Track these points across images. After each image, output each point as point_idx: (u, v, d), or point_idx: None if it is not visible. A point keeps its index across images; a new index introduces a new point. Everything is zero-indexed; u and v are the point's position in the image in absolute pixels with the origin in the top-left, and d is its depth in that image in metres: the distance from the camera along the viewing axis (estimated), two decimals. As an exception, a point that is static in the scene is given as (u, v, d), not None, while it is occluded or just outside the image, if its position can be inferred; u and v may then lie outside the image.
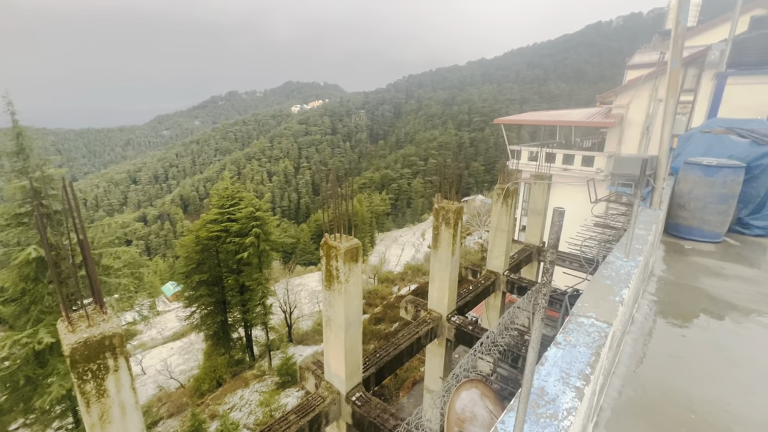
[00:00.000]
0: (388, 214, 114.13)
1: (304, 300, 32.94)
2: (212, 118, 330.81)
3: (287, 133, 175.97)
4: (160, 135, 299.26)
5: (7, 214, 10.45)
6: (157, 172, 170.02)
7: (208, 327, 23.34)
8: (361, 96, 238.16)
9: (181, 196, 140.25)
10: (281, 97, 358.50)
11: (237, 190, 23.93)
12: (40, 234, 2.34)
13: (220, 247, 22.31)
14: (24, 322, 10.26)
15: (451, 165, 7.27)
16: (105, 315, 2.53)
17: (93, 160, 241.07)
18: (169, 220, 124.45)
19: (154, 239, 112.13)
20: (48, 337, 9.34)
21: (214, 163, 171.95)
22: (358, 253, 4.43)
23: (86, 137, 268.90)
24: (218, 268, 22.86)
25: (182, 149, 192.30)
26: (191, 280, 22.41)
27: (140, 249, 18.59)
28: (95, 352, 2.39)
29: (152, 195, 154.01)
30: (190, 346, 30.75)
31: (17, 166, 10.38)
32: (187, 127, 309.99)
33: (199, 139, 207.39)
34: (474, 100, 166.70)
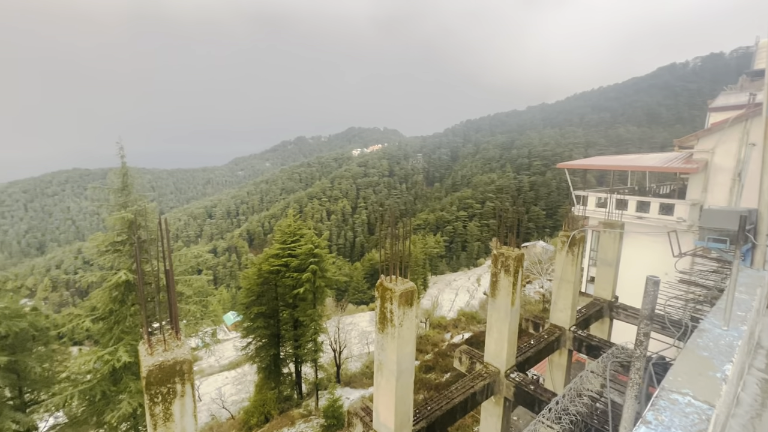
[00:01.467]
0: (442, 256, 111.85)
1: (354, 340, 32.58)
2: (281, 160, 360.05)
3: (347, 174, 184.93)
4: (235, 175, 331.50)
5: (107, 241, 12.02)
6: (229, 208, 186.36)
7: (262, 359, 23.85)
8: (419, 140, 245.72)
9: (248, 230, 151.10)
10: (343, 141, 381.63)
11: (298, 227, 25.21)
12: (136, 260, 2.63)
13: (279, 280, 23.27)
14: (107, 339, 11.37)
15: (509, 209, 7.05)
16: (179, 341, 2.73)
17: (179, 196, 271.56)
18: (235, 252, 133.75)
19: (221, 270, 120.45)
20: (126, 356, 10.21)
21: (279, 201, 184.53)
22: (413, 297, 4.36)
23: (175, 176, 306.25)
24: (276, 301, 23.70)
25: (253, 188, 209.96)
26: (250, 311, 23.42)
27: (209, 278, 20.16)
28: (167, 376, 2.56)
29: (224, 229, 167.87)
30: (243, 377, 31.49)
31: (120, 201, 12.06)
32: (258, 168, 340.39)
33: (268, 179, 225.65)
34: (534, 144, 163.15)
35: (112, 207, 12.43)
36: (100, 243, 12.01)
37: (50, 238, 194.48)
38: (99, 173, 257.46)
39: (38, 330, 12.00)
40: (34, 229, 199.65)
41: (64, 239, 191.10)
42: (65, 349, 15.41)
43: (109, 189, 12.64)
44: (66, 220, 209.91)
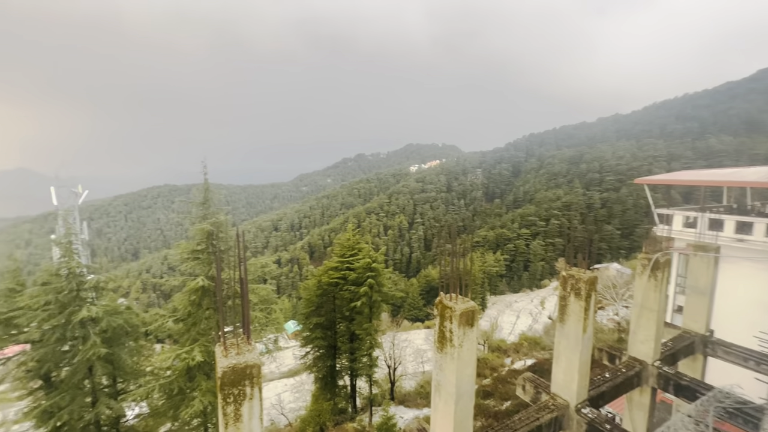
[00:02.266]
0: (502, 275, 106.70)
1: (409, 357, 32.07)
2: (342, 176, 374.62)
3: (404, 190, 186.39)
4: (299, 190, 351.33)
5: (188, 249, 13.35)
6: (293, 221, 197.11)
7: (319, 370, 24.43)
8: (478, 155, 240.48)
9: (310, 243, 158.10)
10: (402, 157, 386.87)
11: (357, 242, 25.78)
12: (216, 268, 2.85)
13: (337, 293, 23.87)
14: (185, 339, 12.50)
15: (578, 227, 6.54)
16: (250, 346, 2.91)
17: (249, 210, 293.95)
18: (297, 263, 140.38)
19: (284, 280, 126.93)
20: (200, 356, 11.12)
21: (339, 215, 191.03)
22: (473, 317, 4.20)
23: (247, 192, 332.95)
24: (334, 313, 24.29)
25: (315, 203, 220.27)
26: (310, 321, 24.24)
27: (273, 287, 21.45)
28: (239, 378, 2.74)
29: (287, 241, 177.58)
30: (301, 386, 32.43)
31: (201, 213, 13.38)
32: (321, 184, 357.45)
33: (329, 194, 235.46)
34: (606, 158, 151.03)
35: (194, 219, 13.82)
36: (182, 251, 13.36)
37: (143, 246, 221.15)
38: (184, 188, 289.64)
39: (131, 327, 13.56)
40: (131, 237, 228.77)
41: (154, 246, 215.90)
42: (150, 345, 17.21)
43: (192, 202, 14.11)
44: (156, 230, 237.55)
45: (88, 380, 12.48)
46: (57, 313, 11.81)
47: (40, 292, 12.11)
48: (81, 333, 11.86)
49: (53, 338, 11.73)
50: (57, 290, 11.96)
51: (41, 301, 11.92)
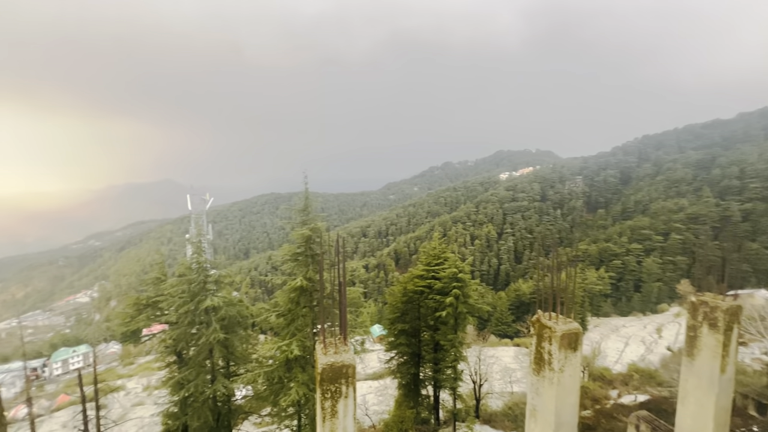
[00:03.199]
0: (607, 295, 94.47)
1: (496, 375, 30.33)
2: (428, 185, 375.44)
3: (493, 199, 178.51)
4: (387, 199, 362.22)
5: (289, 252, 14.75)
6: (381, 228, 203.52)
7: (402, 376, 24.58)
8: (578, 161, 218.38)
9: (396, 250, 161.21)
10: (491, 165, 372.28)
11: (443, 251, 25.47)
12: (319, 271, 3.08)
13: (422, 301, 23.84)
14: (285, 333, 13.78)
15: (708, 244, 5.49)
16: (346, 346, 3.09)
17: (341, 217, 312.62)
18: (384, 269, 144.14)
19: (371, 284, 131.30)
20: (297, 350, 12.16)
21: (425, 224, 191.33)
22: (577, 340, 3.80)
23: (339, 200, 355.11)
24: (418, 321, 24.28)
25: (401, 211, 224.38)
26: (394, 327, 24.61)
27: (361, 291, 22.49)
28: (336, 376, 2.93)
29: (375, 247, 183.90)
30: (385, 390, 33.04)
31: (301, 219, 14.71)
32: (407, 192, 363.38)
33: (415, 202, 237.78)
34: (750, 161, 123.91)
35: (295, 224, 15.24)
36: (284, 253, 14.81)
37: (252, 246, 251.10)
38: (286, 196, 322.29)
39: (242, 317, 15.46)
40: (243, 239, 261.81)
41: (261, 247, 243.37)
42: (256, 335, 19.34)
43: (293, 209, 15.60)
44: (263, 233, 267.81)
45: (209, 360, 14.55)
46: (189, 300, 14.07)
47: (177, 282, 14.58)
48: (205, 319, 13.92)
49: (186, 321, 14.00)
50: (189, 281, 14.27)
51: (178, 290, 14.34)
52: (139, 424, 27.04)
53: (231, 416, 15.74)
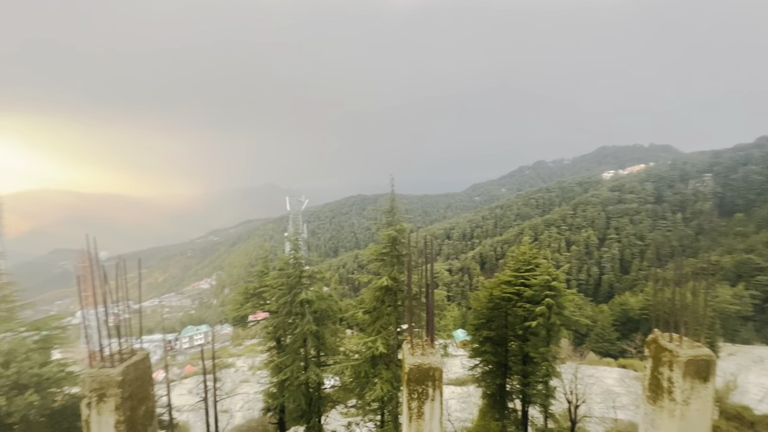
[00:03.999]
0: (747, 318, 77.45)
1: (596, 397, 27.11)
2: (517, 185, 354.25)
3: (594, 200, 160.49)
4: (472, 200, 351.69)
5: (376, 252, 15.27)
6: (465, 231, 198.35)
7: (487, 385, 23.55)
8: (707, 156, 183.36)
9: (481, 254, 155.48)
10: (592, 163, 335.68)
11: (534, 256, 23.75)
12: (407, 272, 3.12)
13: (510, 309, 22.54)
14: (370, 330, 14.31)
15: None
16: (433, 349, 3.08)
17: (424, 218, 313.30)
18: (468, 273, 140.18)
19: (454, 288, 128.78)
20: (382, 348, 12.54)
21: (513, 227, 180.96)
22: (709, 369, 3.17)
23: (423, 201, 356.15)
24: (505, 329, 23.02)
25: (488, 213, 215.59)
26: (479, 333, 23.71)
27: (445, 294, 22.25)
28: (423, 377, 2.94)
29: (459, 250, 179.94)
30: (468, 397, 32.02)
31: (387, 220, 15.13)
32: (494, 194, 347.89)
33: (503, 204, 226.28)
34: None
35: (381, 225, 15.72)
36: (371, 252, 15.38)
37: (341, 245, 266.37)
38: (372, 198, 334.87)
39: (332, 311, 16.48)
40: (333, 238, 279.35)
41: (349, 246, 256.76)
42: (344, 330, 20.43)
43: (379, 210, 16.12)
44: (351, 233, 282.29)
45: (302, 349, 15.84)
46: (287, 292, 15.51)
47: (277, 276, 16.17)
48: (300, 311, 15.20)
49: (284, 311, 15.46)
50: (287, 275, 15.72)
51: (278, 283, 15.91)
52: (245, 398, 30.62)
53: (321, 403, 16.88)
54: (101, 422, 4.58)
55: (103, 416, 4.56)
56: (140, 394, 4.98)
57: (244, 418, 27.35)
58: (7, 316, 14.94)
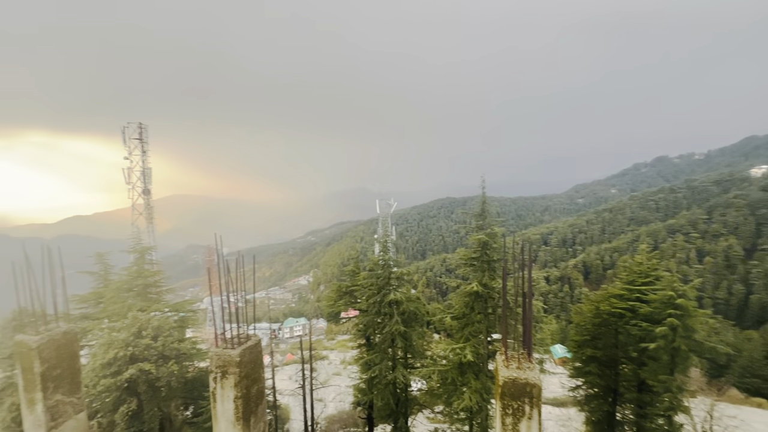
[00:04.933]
0: None
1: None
2: (631, 185, 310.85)
3: (738, 202, 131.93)
4: (574, 203, 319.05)
5: (465, 256, 14.87)
6: (565, 236, 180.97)
7: (592, 411, 21.01)
8: None
9: (584, 262, 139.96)
10: (735, 157, 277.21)
11: (653, 267, 20.48)
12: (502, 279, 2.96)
13: (621, 326, 19.82)
14: (459, 337, 13.96)
15: None
16: (530, 364, 2.87)
17: (518, 222, 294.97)
18: (569, 283, 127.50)
19: (552, 298, 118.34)
20: (470, 356, 12.14)
21: (625, 233, 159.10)
22: None
23: (517, 203, 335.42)
24: (615, 349, 20.29)
25: (593, 217, 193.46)
26: (582, 351, 21.31)
27: (541, 305, 20.47)
28: (518, 393, 2.75)
29: (557, 257, 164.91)
30: (568, 421, 29.03)
31: (478, 224, 14.62)
32: (602, 195, 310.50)
33: (612, 207, 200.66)
34: None
35: (471, 228, 15.25)
36: (460, 257, 15.03)
37: (428, 248, 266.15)
38: (461, 200, 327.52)
39: (419, 314, 16.54)
40: (420, 241, 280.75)
41: (436, 250, 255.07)
42: (431, 333, 20.30)
43: (469, 213, 15.66)
44: (438, 236, 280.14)
45: (390, 349, 16.21)
46: (376, 292, 16.06)
47: (368, 276, 16.86)
48: (389, 311, 15.58)
49: (373, 311, 16.04)
50: (377, 276, 16.28)
51: (368, 282, 16.57)
52: (336, 390, 32.56)
53: (408, 404, 17.04)
54: (224, 395, 5.34)
55: (225, 390, 5.32)
56: (253, 374, 5.67)
57: (336, 408, 29.08)
58: (156, 298, 18.38)
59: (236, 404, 5.30)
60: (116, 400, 13.18)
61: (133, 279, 17.25)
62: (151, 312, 15.74)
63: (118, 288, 17.35)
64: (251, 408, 5.56)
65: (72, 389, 6.15)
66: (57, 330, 6.38)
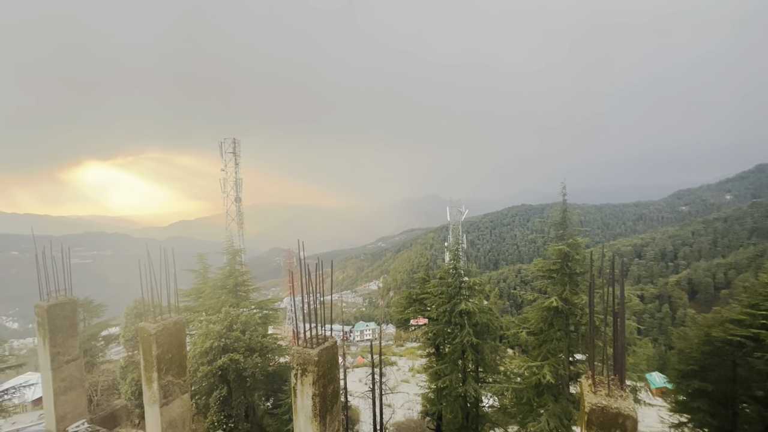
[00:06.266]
0: None
1: None
2: (752, 190, 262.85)
3: None
4: (676, 210, 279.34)
5: (544, 268, 13.88)
6: (665, 249, 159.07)
7: (701, 454, 18.00)
8: None
9: (690, 279, 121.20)
10: None
11: (785, 289, 17.01)
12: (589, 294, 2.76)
13: (740, 357, 16.74)
14: (536, 354, 13.03)
15: None
16: (623, 392, 2.60)
17: (605, 232, 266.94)
18: (669, 302, 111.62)
19: (648, 319, 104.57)
20: (549, 376, 11.24)
21: (745, 246, 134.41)
22: None
23: (603, 211, 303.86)
24: (732, 384, 17.18)
25: (701, 227, 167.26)
26: (687, 383, 18.39)
27: (635, 326, 18.07)
28: (609, 423, 2.50)
29: (655, 272, 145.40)
30: (670, 462, 25.18)
31: (558, 233, 13.58)
32: (712, 202, 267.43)
33: (726, 216, 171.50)
34: None
35: (550, 238, 14.22)
36: (537, 268, 14.08)
37: (501, 258, 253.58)
38: (538, 208, 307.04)
39: (492, 326, 15.84)
40: (493, 250, 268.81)
41: (510, 260, 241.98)
42: (504, 348, 19.27)
43: (548, 222, 14.62)
44: (512, 245, 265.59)
45: (461, 360, 15.75)
46: (446, 301, 15.79)
47: (438, 284, 16.66)
48: (459, 321, 15.19)
49: (443, 320, 15.78)
50: (447, 284, 16.01)
51: (438, 290, 16.37)
52: (405, 397, 32.46)
53: (479, 421, 16.33)
54: (303, 392, 5.71)
55: (304, 387, 5.69)
56: (329, 374, 5.97)
57: (404, 416, 28.98)
58: (245, 296, 20.29)
59: (314, 401, 5.63)
60: (211, 386, 14.82)
61: (226, 278, 19.32)
62: (241, 308, 17.45)
63: (214, 285, 19.59)
64: (327, 406, 5.85)
65: (180, 372, 7.11)
66: (170, 319, 7.47)
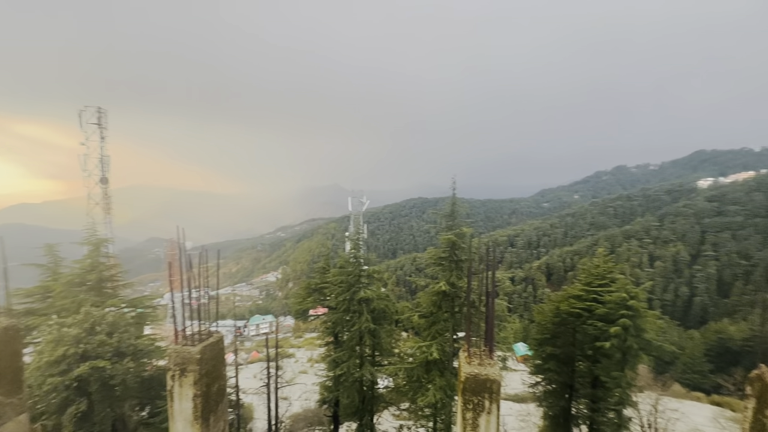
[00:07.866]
0: None
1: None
2: (593, 192, 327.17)
3: (686, 211, 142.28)
4: (540, 207, 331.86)
5: (435, 256, 15.11)
6: (531, 239, 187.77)
7: (550, 406, 21.98)
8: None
9: (548, 264, 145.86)
10: (685, 169, 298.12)
11: (609, 270, 21.68)
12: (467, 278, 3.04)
13: (578, 326, 20.84)
14: (426, 335, 14.17)
15: None
16: (491, 360, 2.96)
17: (487, 224, 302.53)
18: (532, 284, 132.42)
19: (516, 299, 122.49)
20: (436, 353, 12.37)
21: (586, 237, 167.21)
22: (834, 420, 2.63)
23: (486, 206, 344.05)
24: (572, 347, 21.30)
25: (557, 221, 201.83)
26: (542, 349, 22.21)
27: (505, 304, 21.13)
28: (479, 388, 2.84)
29: (523, 258, 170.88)
30: (527, 416, 30.18)
31: (447, 224, 14.89)
32: (565, 200, 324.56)
33: (575, 212, 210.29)
34: None
35: (441, 229, 15.51)
36: (429, 256, 15.26)
37: (399, 247, 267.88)
38: (432, 201, 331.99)
39: (388, 312, 16.65)
40: (392, 240, 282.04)
41: (407, 249, 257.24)
42: (399, 332, 20.47)
43: (440, 214, 15.92)
44: (409, 235, 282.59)
45: (359, 346, 16.21)
46: (346, 290, 16.00)
47: (338, 273, 16.75)
48: (358, 308, 15.57)
49: (342, 308, 15.97)
50: (347, 273, 16.22)
51: (338, 280, 16.47)
52: (302, 388, 32.14)
53: (374, 402, 17.11)
54: (182, 394, 5.13)
55: (183, 388, 5.12)
56: (214, 372, 5.49)
57: (301, 407, 28.71)
58: (112, 293, 17.37)
59: (195, 403, 5.12)
60: (64, 401, 12.37)
61: (87, 272, 16.21)
62: (106, 307, 14.88)
63: (69, 282, 16.24)
64: (211, 406, 5.39)
65: (13, 390, 5.71)
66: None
